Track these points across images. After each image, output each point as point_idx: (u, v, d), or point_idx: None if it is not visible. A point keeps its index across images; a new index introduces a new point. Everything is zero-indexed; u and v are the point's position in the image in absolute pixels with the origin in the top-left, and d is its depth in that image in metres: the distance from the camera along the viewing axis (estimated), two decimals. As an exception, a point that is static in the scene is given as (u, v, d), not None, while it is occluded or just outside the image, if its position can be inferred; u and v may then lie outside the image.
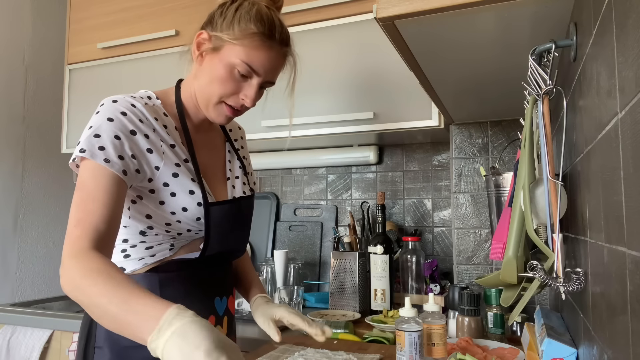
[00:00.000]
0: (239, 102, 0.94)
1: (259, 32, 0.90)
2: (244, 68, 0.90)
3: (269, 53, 0.92)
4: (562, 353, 0.77)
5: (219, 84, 0.91)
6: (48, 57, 2.29)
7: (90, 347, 0.89)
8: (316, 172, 2.06)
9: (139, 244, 0.92)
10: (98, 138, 0.82)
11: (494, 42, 0.85)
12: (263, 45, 0.90)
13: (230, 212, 0.98)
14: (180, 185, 0.90)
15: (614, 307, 0.52)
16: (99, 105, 0.88)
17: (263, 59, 0.91)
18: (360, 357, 1.07)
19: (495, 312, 1.26)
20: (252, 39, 0.89)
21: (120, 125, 0.84)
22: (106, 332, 0.88)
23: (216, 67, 0.91)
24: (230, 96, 0.93)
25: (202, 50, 0.93)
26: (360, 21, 1.59)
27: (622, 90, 0.47)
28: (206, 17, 0.97)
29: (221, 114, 0.95)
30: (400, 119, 1.55)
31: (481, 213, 1.54)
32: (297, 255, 1.97)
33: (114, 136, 0.83)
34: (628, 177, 0.45)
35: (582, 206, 0.74)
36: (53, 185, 2.29)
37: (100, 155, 0.80)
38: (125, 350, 0.88)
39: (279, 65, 0.96)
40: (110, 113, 0.85)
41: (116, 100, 0.87)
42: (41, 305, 1.93)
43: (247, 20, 0.90)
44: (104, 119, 0.84)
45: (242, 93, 0.93)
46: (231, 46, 0.90)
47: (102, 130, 0.83)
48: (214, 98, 0.93)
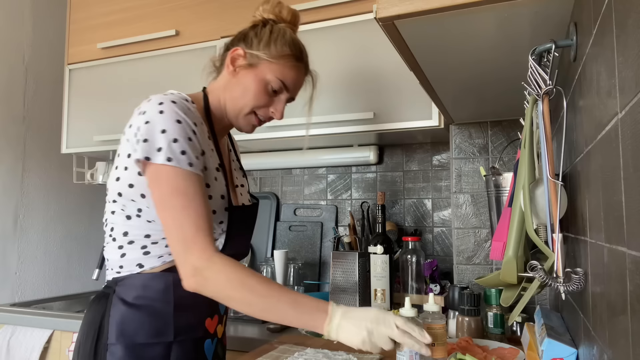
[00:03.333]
0: (268, 114, 1.05)
1: (292, 54, 1.02)
2: (278, 84, 1.02)
3: (298, 73, 1.05)
4: (562, 353, 0.77)
5: (253, 96, 1.01)
6: (48, 57, 2.29)
7: (102, 344, 0.90)
8: (316, 172, 2.06)
9: (160, 240, 0.95)
10: (177, 143, 0.88)
11: (494, 42, 0.85)
12: (294, 65, 1.03)
13: (244, 217, 1.05)
14: (217, 189, 0.97)
15: (614, 307, 0.52)
16: (157, 103, 0.91)
17: (294, 77, 1.04)
18: (360, 357, 1.07)
19: (495, 312, 1.26)
20: (286, 60, 1.02)
21: (187, 128, 0.90)
22: (119, 329, 0.90)
23: (251, 82, 1.01)
24: (261, 108, 1.03)
25: (237, 65, 1.03)
26: (360, 21, 1.59)
27: (622, 90, 0.47)
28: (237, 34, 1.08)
29: (249, 123, 1.05)
30: (400, 119, 1.55)
31: (481, 213, 1.54)
32: (297, 255, 1.97)
33: (187, 138, 0.89)
34: (628, 177, 0.45)
35: (582, 206, 0.74)
36: (53, 185, 2.29)
37: (184, 160, 0.87)
38: (139, 347, 0.90)
39: (302, 83, 1.09)
40: (176, 115, 0.90)
41: (174, 101, 0.92)
42: (41, 305, 1.93)
43: (283, 43, 1.02)
44: (172, 121, 0.89)
45: (273, 107, 1.04)
46: (267, 64, 1.01)
47: (176, 134, 0.88)
48: (246, 109, 1.02)
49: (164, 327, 0.92)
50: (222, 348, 1.08)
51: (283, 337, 1.30)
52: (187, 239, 0.85)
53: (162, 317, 0.92)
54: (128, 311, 0.91)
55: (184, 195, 0.87)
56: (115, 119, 1.99)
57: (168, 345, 0.92)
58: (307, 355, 1.09)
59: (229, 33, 1.79)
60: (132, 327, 0.90)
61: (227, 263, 0.85)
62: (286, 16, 1.08)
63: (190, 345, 0.95)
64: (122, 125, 1.96)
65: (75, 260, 2.38)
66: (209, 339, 1.00)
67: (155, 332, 0.91)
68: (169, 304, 0.93)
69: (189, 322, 0.95)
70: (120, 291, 0.93)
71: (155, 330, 0.91)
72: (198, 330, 0.97)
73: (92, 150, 2.05)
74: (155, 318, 0.91)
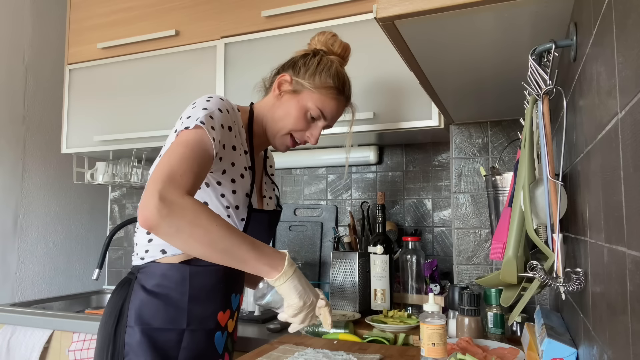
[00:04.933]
0: (304, 138, 1.14)
1: (335, 87, 1.11)
2: (317, 113, 1.10)
3: (338, 105, 1.13)
4: (562, 353, 0.77)
5: (292, 120, 1.10)
6: (48, 57, 2.29)
7: (122, 326, 0.98)
8: (316, 172, 2.06)
9: None
10: (212, 120, 0.95)
11: (494, 42, 0.85)
12: (335, 97, 1.12)
13: (265, 221, 1.12)
14: (243, 185, 1.04)
15: (614, 307, 0.52)
16: (207, 96, 1.02)
17: (333, 108, 1.12)
18: (360, 357, 1.07)
19: (495, 312, 1.26)
20: (328, 91, 1.10)
21: (225, 118, 0.99)
22: (138, 314, 0.98)
23: (293, 107, 1.10)
24: (298, 132, 1.12)
25: (283, 89, 1.12)
26: (360, 21, 1.59)
27: (622, 90, 0.47)
28: (288, 60, 1.16)
29: (283, 144, 1.14)
30: (400, 119, 1.55)
31: (481, 213, 1.53)
32: (297, 255, 1.97)
33: (220, 124, 0.97)
34: (628, 177, 0.45)
35: (582, 206, 0.74)
36: (53, 185, 2.29)
37: (212, 132, 0.94)
38: (154, 331, 0.97)
39: (341, 114, 1.17)
40: (220, 106, 1.00)
41: (222, 99, 1.03)
42: (41, 305, 1.93)
43: (327, 75, 1.10)
44: (216, 107, 0.98)
45: (309, 132, 1.13)
46: (309, 93, 1.09)
47: (215, 115, 0.97)
48: (284, 130, 1.11)
49: (177, 315, 0.99)
50: (232, 343, 1.13)
51: (283, 337, 1.30)
52: (170, 175, 0.85)
53: (177, 305, 0.99)
54: (146, 297, 0.98)
55: (192, 149, 0.90)
56: (115, 119, 1.99)
57: (180, 332, 0.99)
58: (307, 355, 1.09)
59: (229, 33, 1.80)
60: (149, 312, 0.98)
61: (197, 202, 0.86)
62: (337, 49, 1.17)
63: (201, 334, 1.01)
64: (122, 125, 1.98)
65: (75, 260, 2.38)
66: (219, 331, 1.05)
67: (169, 319, 0.98)
68: (184, 295, 0.99)
69: (202, 313, 1.01)
70: (141, 278, 1.01)
71: (169, 317, 0.98)
72: (210, 322, 1.03)
73: (92, 150, 2.05)
74: (170, 306, 0.98)
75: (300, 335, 1.33)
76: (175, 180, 0.85)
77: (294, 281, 0.93)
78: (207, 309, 1.02)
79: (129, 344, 0.97)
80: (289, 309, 0.94)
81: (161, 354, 0.97)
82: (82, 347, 1.56)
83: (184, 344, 0.99)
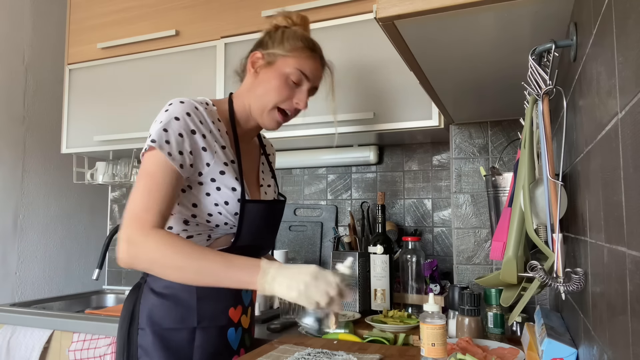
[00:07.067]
0: (293, 106, 1.11)
1: (305, 46, 1.10)
2: (297, 75, 1.08)
3: (314, 62, 1.12)
4: (562, 353, 0.77)
5: (275, 91, 1.08)
6: (48, 57, 2.29)
7: (134, 328, 1.01)
8: (316, 172, 2.06)
9: (181, 232, 1.04)
10: (166, 132, 0.96)
11: (494, 42, 0.85)
12: (309, 56, 1.10)
13: (263, 211, 1.10)
14: (225, 181, 1.03)
15: (614, 307, 0.52)
16: (167, 104, 1.01)
17: (311, 66, 1.11)
18: (360, 357, 1.07)
19: (495, 312, 1.26)
20: (301, 52, 1.09)
21: (184, 125, 0.98)
22: (148, 316, 1.00)
23: (272, 78, 1.08)
24: (285, 101, 1.09)
25: (257, 66, 1.11)
26: (360, 21, 1.59)
27: (622, 90, 0.47)
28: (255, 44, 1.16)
29: (273, 120, 1.11)
30: (400, 119, 1.55)
31: (481, 213, 1.53)
32: (297, 255, 1.97)
33: (178, 134, 0.97)
34: (628, 177, 0.45)
35: (582, 206, 0.74)
36: (53, 185, 2.28)
37: (166, 148, 0.95)
38: (166, 332, 1.00)
39: (321, 72, 1.16)
40: (177, 113, 0.99)
41: (183, 101, 1.01)
42: (41, 305, 1.93)
43: (295, 38, 1.10)
44: (172, 117, 0.98)
45: (296, 98, 1.10)
46: (284, 59, 1.08)
47: (169, 126, 0.97)
48: (270, 104, 1.08)
49: (187, 314, 1.01)
50: (250, 338, 1.15)
51: (283, 337, 1.30)
52: (133, 216, 0.91)
53: (186, 305, 1.01)
54: (156, 299, 1.01)
55: (151, 177, 0.94)
56: (115, 119, 1.99)
57: (192, 331, 1.01)
58: (307, 355, 1.09)
59: (229, 33, 1.79)
60: (160, 314, 1.00)
61: (163, 235, 0.90)
62: (296, 20, 1.16)
63: (213, 331, 1.03)
64: (122, 125, 1.98)
65: (75, 260, 2.38)
66: (232, 327, 1.07)
67: (180, 318, 1.01)
68: (192, 294, 1.02)
69: (212, 311, 1.03)
70: (150, 281, 1.04)
71: (180, 317, 1.01)
72: (221, 319, 1.05)
73: (92, 150, 2.05)
74: (180, 306, 1.00)
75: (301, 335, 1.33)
76: (139, 219, 0.90)
77: (277, 278, 0.88)
78: (217, 306, 1.04)
79: (142, 346, 0.99)
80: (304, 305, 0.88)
81: (174, 353, 0.99)
82: (82, 347, 1.56)
83: (197, 342, 1.00)
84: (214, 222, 1.04)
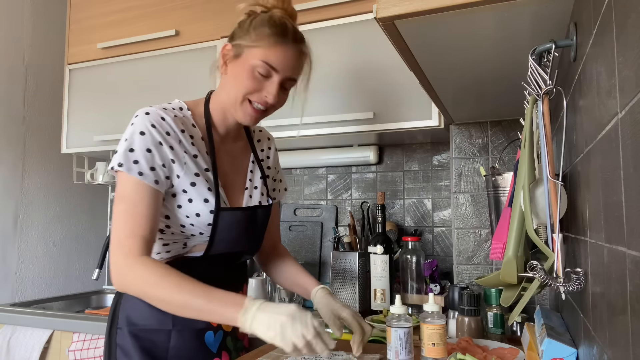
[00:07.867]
0: (263, 99, 1.01)
1: (273, 33, 0.99)
2: (263, 67, 0.99)
3: (285, 50, 0.99)
4: (562, 353, 0.77)
5: (242, 83, 1.00)
6: (48, 57, 2.29)
7: (114, 328, 1.02)
8: (316, 172, 2.06)
9: (157, 240, 1.02)
10: (132, 152, 0.93)
11: (494, 42, 0.85)
12: (277, 43, 0.99)
13: (241, 219, 1.06)
14: (197, 193, 0.99)
15: (614, 307, 0.52)
16: (134, 116, 0.98)
17: (280, 56, 0.99)
18: (360, 357, 1.07)
19: (495, 312, 1.26)
20: (267, 40, 0.98)
21: (151, 138, 0.95)
22: (127, 316, 1.01)
23: (239, 70, 1.00)
24: (253, 93, 1.00)
25: (226, 59, 1.04)
26: (360, 21, 1.59)
27: (622, 90, 0.47)
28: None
29: (246, 113, 1.02)
30: (400, 119, 1.55)
31: (481, 213, 1.53)
32: (297, 255, 1.97)
33: (145, 149, 0.94)
34: (628, 177, 0.45)
35: (582, 206, 0.74)
36: (53, 185, 2.28)
37: (135, 168, 0.92)
38: (141, 332, 1.00)
39: (296, 61, 1.03)
40: (142, 126, 0.95)
41: (148, 112, 0.98)
42: (41, 305, 1.93)
43: (262, 25, 0.99)
44: (136, 132, 0.95)
45: (265, 90, 1.01)
46: (249, 49, 0.99)
47: (135, 144, 0.94)
48: (239, 97, 1.01)
49: (163, 317, 0.99)
50: (235, 341, 1.12)
51: (283, 337, 1.30)
52: (119, 242, 0.91)
53: None
54: (134, 299, 0.98)
55: (127, 201, 0.92)
56: (115, 119, 1.99)
57: (167, 333, 1.00)
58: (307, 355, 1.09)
59: (229, 33, 1.79)
60: (136, 314, 1.00)
61: (148, 265, 0.90)
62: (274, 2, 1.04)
63: (189, 334, 1.02)
64: (122, 125, 1.98)
65: (75, 260, 2.38)
66: (211, 330, 1.05)
67: (155, 320, 1.00)
68: None
69: None
70: None
71: (155, 319, 1.00)
72: (198, 322, 1.02)
73: (92, 150, 2.05)
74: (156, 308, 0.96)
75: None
76: (123, 246, 0.91)
77: (258, 317, 0.84)
78: None
79: (120, 345, 1.00)
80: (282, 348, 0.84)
81: (149, 353, 0.99)
82: (82, 347, 1.56)
83: (172, 343, 1.00)
84: (188, 232, 1.02)
